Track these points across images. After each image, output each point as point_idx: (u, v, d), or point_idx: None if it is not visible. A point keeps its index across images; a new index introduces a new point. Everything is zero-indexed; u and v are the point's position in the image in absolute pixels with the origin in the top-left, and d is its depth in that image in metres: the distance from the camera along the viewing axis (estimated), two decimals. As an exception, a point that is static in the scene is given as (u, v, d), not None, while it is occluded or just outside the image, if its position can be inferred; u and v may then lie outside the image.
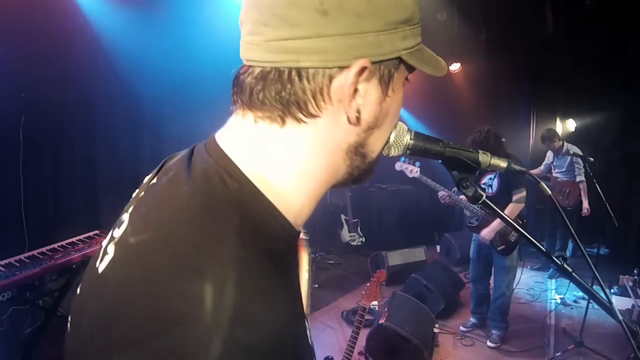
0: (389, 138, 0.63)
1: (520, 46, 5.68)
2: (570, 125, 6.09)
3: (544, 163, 5.15)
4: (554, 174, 5.05)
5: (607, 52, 5.11)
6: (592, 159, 3.47)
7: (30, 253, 2.64)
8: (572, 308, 4.23)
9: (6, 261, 2.48)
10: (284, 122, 0.51)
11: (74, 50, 3.66)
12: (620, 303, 3.84)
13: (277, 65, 0.49)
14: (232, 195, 0.48)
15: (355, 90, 0.50)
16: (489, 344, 3.53)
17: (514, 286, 3.63)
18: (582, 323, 3.41)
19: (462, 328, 3.81)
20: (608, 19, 4.91)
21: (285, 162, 0.52)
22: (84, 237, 2.93)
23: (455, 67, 6.34)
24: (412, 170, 3.70)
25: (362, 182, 0.61)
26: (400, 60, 0.53)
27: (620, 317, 0.77)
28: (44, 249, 2.69)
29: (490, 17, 5.56)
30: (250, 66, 0.51)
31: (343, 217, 5.95)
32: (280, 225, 0.51)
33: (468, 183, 0.71)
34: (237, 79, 0.53)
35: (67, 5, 3.54)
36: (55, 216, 3.82)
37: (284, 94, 0.49)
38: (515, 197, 3.23)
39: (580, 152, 4.67)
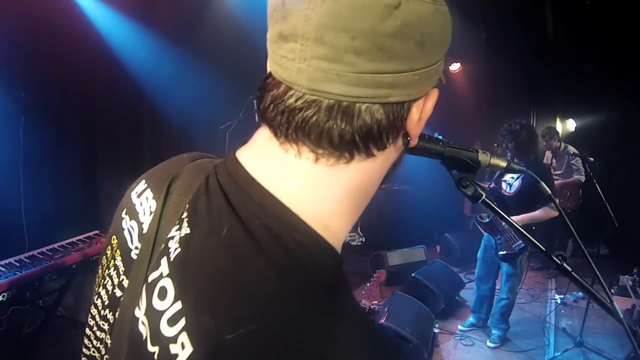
0: None
1: (520, 46, 5.68)
2: (570, 125, 6.09)
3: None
4: (553, 176, 5.06)
5: (607, 53, 5.10)
6: (592, 159, 3.47)
7: (30, 253, 2.64)
8: (572, 308, 4.23)
9: (6, 261, 2.49)
10: (352, 157, 0.46)
11: (74, 50, 3.66)
12: (620, 303, 3.83)
13: (365, 100, 0.43)
14: (316, 262, 0.45)
15: None
16: (489, 344, 3.53)
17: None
18: (582, 323, 3.41)
19: (460, 327, 3.81)
20: (608, 19, 4.91)
21: (345, 202, 0.49)
22: (84, 237, 2.94)
23: (455, 67, 6.34)
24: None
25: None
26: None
27: (621, 316, 0.77)
28: (44, 249, 2.69)
29: (490, 17, 5.56)
30: (316, 98, 0.43)
31: (343, 217, 5.95)
32: (339, 257, 0.49)
33: (468, 182, 0.71)
34: (290, 109, 0.44)
35: (68, 6, 3.54)
36: (55, 216, 3.82)
37: (365, 131, 0.44)
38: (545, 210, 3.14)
39: (577, 152, 4.69)
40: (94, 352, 0.61)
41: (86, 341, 0.63)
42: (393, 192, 6.31)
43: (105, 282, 0.59)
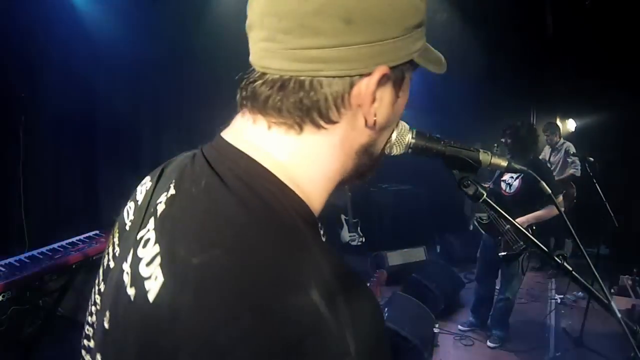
0: (390, 136, 0.64)
1: (520, 46, 5.67)
2: (570, 125, 6.09)
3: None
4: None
5: (607, 53, 5.10)
6: (592, 159, 3.46)
7: (30, 253, 2.63)
8: (572, 308, 4.23)
9: (6, 261, 2.48)
10: (301, 129, 0.51)
11: (74, 50, 3.66)
12: (620, 303, 3.83)
13: (299, 74, 0.48)
14: (283, 204, 0.49)
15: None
16: (489, 344, 3.53)
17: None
18: (582, 323, 3.41)
19: (459, 327, 3.81)
20: (608, 19, 4.91)
21: (306, 167, 0.52)
22: (84, 237, 2.93)
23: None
24: None
25: (368, 178, 0.62)
26: (410, 61, 0.54)
27: (620, 316, 0.77)
28: (44, 249, 2.69)
29: (490, 17, 5.55)
30: (264, 73, 0.50)
31: (343, 217, 5.95)
32: (312, 215, 0.53)
33: (469, 182, 0.71)
34: (249, 84, 0.52)
35: (68, 5, 3.55)
36: (55, 216, 3.82)
37: (305, 102, 0.49)
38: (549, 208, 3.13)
39: (574, 150, 4.72)
40: (88, 330, 0.62)
41: (86, 328, 0.63)
42: (393, 192, 6.31)
43: (102, 266, 0.62)
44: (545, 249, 0.78)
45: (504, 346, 3.52)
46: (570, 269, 0.76)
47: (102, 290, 0.59)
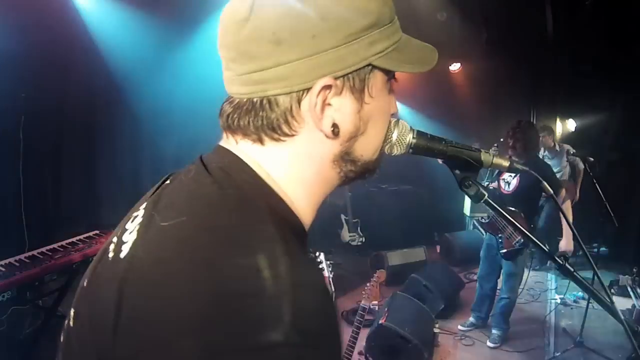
0: (390, 136, 0.64)
1: (520, 46, 5.67)
2: (570, 125, 6.09)
3: None
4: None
5: (607, 52, 5.10)
6: (592, 159, 3.47)
7: (30, 253, 2.63)
8: (572, 308, 4.23)
9: (6, 261, 2.48)
10: (262, 142, 0.55)
11: (74, 50, 3.66)
12: (620, 303, 3.84)
13: (250, 96, 0.53)
14: (254, 188, 0.53)
15: (329, 105, 0.53)
16: (489, 344, 3.53)
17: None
18: (582, 323, 3.41)
19: (460, 327, 3.81)
20: (608, 19, 4.91)
21: (278, 174, 0.56)
22: (84, 237, 2.93)
23: (455, 67, 6.34)
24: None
25: (368, 178, 0.64)
26: (373, 65, 0.54)
27: (622, 316, 0.77)
28: (44, 249, 2.69)
29: (490, 17, 5.56)
30: (231, 96, 0.56)
31: (343, 217, 5.95)
32: (293, 220, 0.56)
33: (470, 182, 0.71)
34: (221, 106, 0.58)
35: (68, 6, 3.54)
36: (55, 216, 3.82)
37: (257, 121, 0.53)
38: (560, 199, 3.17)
39: (573, 150, 4.70)
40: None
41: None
42: (393, 192, 6.31)
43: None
44: (546, 249, 0.78)
45: (504, 346, 3.52)
46: (572, 269, 0.76)
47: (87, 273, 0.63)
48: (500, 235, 3.35)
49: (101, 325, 0.47)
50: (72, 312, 0.58)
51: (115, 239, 0.58)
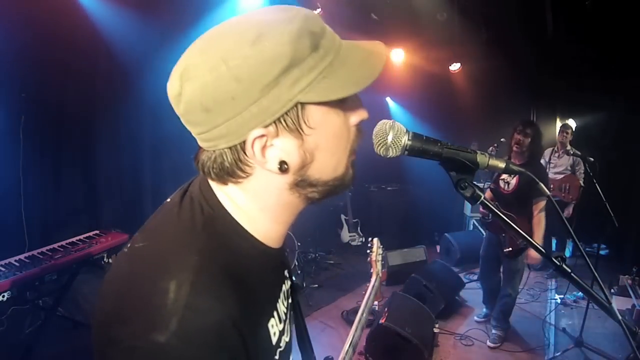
0: (385, 138, 0.65)
1: (520, 46, 5.67)
2: (570, 125, 6.08)
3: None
4: (550, 174, 5.06)
5: (607, 52, 5.10)
6: (592, 159, 3.46)
7: (30, 253, 2.64)
8: (572, 308, 4.23)
9: (6, 261, 2.49)
10: (226, 183, 0.64)
11: (74, 50, 3.66)
12: (620, 303, 3.83)
13: (207, 150, 0.62)
14: (206, 219, 0.63)
15: (271, 146, 0.59)
16: (489, 344, 3.54)
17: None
18: (582, 323, 3.40)
19: (476, 318, 3.92)
20: (608, 19, 4.90)
21: (244, 205, 0.65)
22: (84, 237, 2.94)
23: (455, 67, 6.34)
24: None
25: (342, 192, 0.70)
26: (302, 102, 0.57)
27: (620, 317, 0.77)
28: (44, 249, 2.69)
29: (490, 17, 5.55)
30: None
31: (343, 217, 5.95)
32: (250, 244, 0.65)
33: (466, 184, 0.71)
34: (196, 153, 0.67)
35: (68, 5, 3.54)
36: (55, 216, 3.82)
37: (215, 169, 0.62)
38: (537, 205, 3.21)
39: (577, 152, 4.70)
40: None
41: None
42: (393, 192, 6.31)
43: None
44: (543, 250, 0.78)
45: (504, 346, 3.52)
46: (570, 270, 0.76)
47: None
48: (503, 234, 3.37)
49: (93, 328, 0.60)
50: None
51: None
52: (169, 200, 0.71)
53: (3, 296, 2.24)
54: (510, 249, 3.33)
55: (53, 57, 3.50)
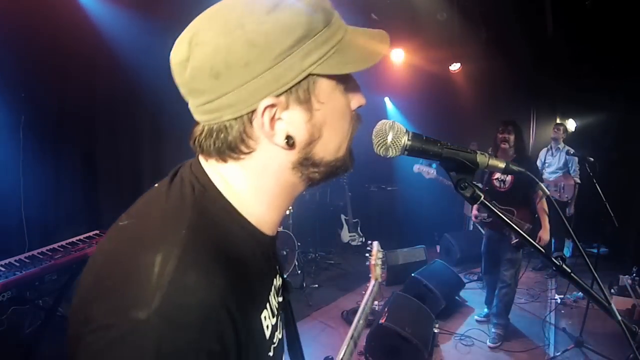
0: (385, 138, 0.65)
1: (520, 46, 5.67)
2: (570, 125, 6.09)
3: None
4: (544, 175, 5.09)
5: (607, 52, 5.10)
6: (592, 159, 3.47)
7: (30, 253, 2.64)
8: (572, 308, 4.23)
9: (6, 261, 2.48)
10: (225, 161, 0.61)
11: (74, 50, 3.65)
12: (620, 303, 3.84)
13: (208, 123, 0.60)
14: (197, 197, 0.60)
15: (279, 119, 0.58)
16: (489, 343, 3.54)
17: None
18: (582, 323, 3.41)
19: (476, 318, 3.96)
20: (608, 19, 4.90)
21: (240, 187, 0.62)
22: (84, 237, 2.93)
23: (455, 67, 6.34)
24: (429, 172, 3.87)
25: (342, 175, 0.68)
26: (314, 74, 0.57)
27: (619, 317, 0.77)
28: (44, 249, 2.69)
29: (490, 17, 5.55)
30: (198, 122, 0.63)
31: (343, 217, 5.95)
32: (240, 226, 0.61)
33: (466, 184, 0.71)
34: (192, 130, 0.64)
35: (68, 5, 3.54)
36: (55, 216, 3.81)
37: (217, 143, 0.60)
38: (537, 193, 3.38)
39: (573, 150, 4.75)
40: None
41: None
42: (393, 193, 6.32)
43: None
44: (543, 250, 0.78)
45: (504, 346, 3.52)
46: (569, 270, 0.76)
47: None
48: (505, 229, 3.44)
49: (73, 309, 0.57)
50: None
51: None
52: (156, 185, 0.68)
53: (3, 296, 2.23)
54: (517, 240, 3.44)
55: (53, 57, 3.50)
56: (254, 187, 0.62)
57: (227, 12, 0.56)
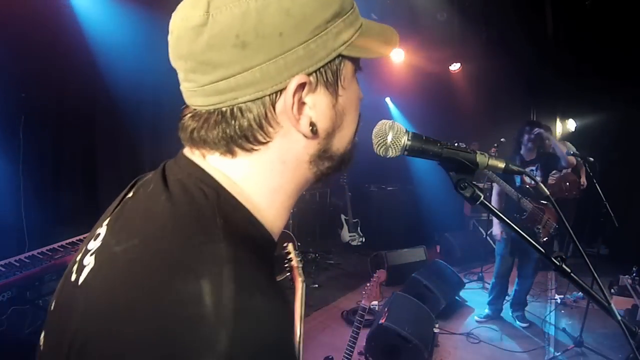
0: (386, 139, 0.64)
1: (520, 46, 5.67)
2: (570, 125, 6.09)
3: None
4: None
5: (607, 52, 5.10)
6: (592, 159, 3.47)
7: (30, 253, 2.64)
8: (572, 308, 4.23)
9: (6, 261, 2.48)
10: (233, 154, 0.52)
11: (74, 50, 3.66)
12: (620, 303, 3.83)
13: (218, 106, 0.49)
14: (212, 202, 0.49)
15: (303, 104, 0.51)
16: (520, 324, 3.84)
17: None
18: (582, 323, 3.40)
19: (476, 318, 3.99)
20: (608, 19, 4.90)
21: (249, 185, 0.53)
22: (84, 237, 2.93)
23: (455, 67, 6.34)
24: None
25: (344, 170, 0.61)
26: (343, 55, 0.52)
27: (619, 317, 0.77)
28: (44, 249, 2.69)
29: (490, 17, 5.55)
30: (195, 109, 0.52)
31: (343, 217, 5.95)
32: (259, 232, 0.52)
33: (466, 184, 0.71)
34: (181, 118, 0.55)
35: (67, 6, 3.54)
36: (55, 216, 3.81)
37: (228, 132, 0.50)
38: (569, 162, 3.53)
39: (574, 149, 4.74)
40: None
41: None
42: (393, 193, 6.31)
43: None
44: (542, 250, 0.78)
45: (503, 346, 3.52)
46: (569, 271, 0.76)
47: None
48: (539, 226, 3.57)
49: (58, 356, 0.48)
50: (42, 335, 0.58)
51: (78, 258, 0.57)
52: (130, 195, 0.58)
53: (3, 296, 2.24)
54: (546, 238, 3.57)
55: (53, 56, 3.50)
56: (267, 187, 0.53)
57: None
